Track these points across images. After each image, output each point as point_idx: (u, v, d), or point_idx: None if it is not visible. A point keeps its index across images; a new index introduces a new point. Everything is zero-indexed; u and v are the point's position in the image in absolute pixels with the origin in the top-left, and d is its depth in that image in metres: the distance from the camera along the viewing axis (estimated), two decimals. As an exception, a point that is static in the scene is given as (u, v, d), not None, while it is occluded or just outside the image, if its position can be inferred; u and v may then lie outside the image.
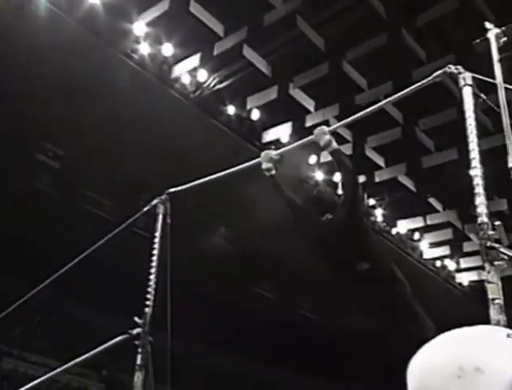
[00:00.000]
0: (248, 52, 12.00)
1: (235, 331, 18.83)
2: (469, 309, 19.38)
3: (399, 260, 17.78)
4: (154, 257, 3.61)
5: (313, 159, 14.85)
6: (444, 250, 18.33)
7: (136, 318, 3.42)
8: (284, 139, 13.95)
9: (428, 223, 17.18)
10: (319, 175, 15.14)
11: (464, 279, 19.18)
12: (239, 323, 18.77)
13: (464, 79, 2.56)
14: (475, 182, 2.34)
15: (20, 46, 11.01)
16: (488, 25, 2.53)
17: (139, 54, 11.83)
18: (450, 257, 18.54)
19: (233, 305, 19.07)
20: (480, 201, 2.29)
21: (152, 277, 3.57)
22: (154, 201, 3.74)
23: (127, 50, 11.66)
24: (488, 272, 2.13)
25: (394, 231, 17.57)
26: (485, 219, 2.25)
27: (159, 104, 12.70)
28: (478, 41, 2.61)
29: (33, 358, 15.70)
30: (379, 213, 16.97)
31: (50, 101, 12.56)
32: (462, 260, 18.61)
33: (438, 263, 18.71)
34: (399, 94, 3.17)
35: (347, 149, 14.48)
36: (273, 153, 3.66)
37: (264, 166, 3.59)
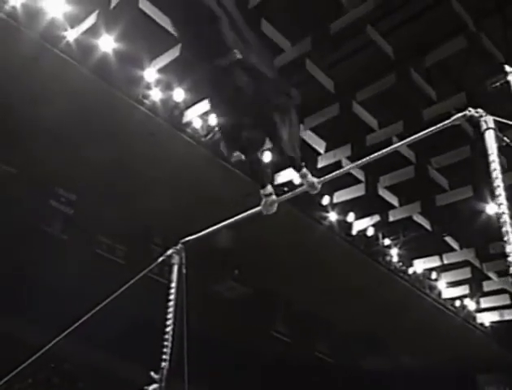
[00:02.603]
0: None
1: (252, 377, 18.50)
2: (491, 350, 18.94)
3: (417, 300, 17.55)
4: (171, 309, 3.51)
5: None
6: (463, 290, 17.97)
7: (152, 373, 3.30)
8: (297, 181, 13.91)
9: (445, 261, 16.89)
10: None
11: (485, 319, 18.74)
12: (256, 368, 18.44)
13: (486, 122, 2.49)
14: (504, 229, 2.24)
15: (33, 95, 11.19)
16: (508, 68, 2.48)
17: (150, 100, 11.94)
18: (470, 296, 18.16)
19: (251, 350, 18.81)
20: (509, 241, 2.20)
21: (168, 329, 3.46)
22: (169, 252, 3.67)
23: (138, 96, 11.78)
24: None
25: (411, 270, 17.29)
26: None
27: (171, 148, 12.77)
28: (498, 84, 2.55)
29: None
30: (394, 253, 16.74)
31: (63, 147, 12.69)
32: (482, 300, 18.22)
33: (457, 303, 18.32)
34: (415, 136, 3.11)
35: (360, 190, 14.42)
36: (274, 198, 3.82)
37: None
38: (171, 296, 3.47)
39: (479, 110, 2.51)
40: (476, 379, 20.82)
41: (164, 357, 3.34)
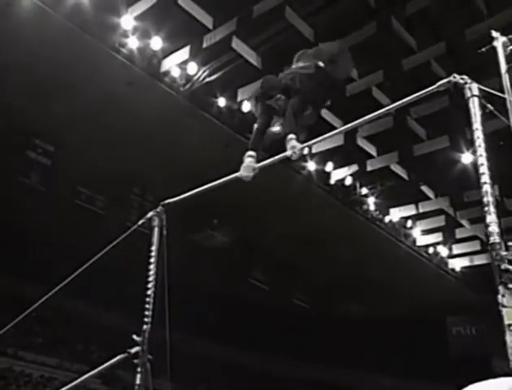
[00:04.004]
0: (237, 44, 11.83)
1: (231, 322, 18.91)
2: (461, 294, 19.52)
3: (393, 248, 17.87)
4: (151, 272, 3.50)
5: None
6: (436, 237, 18.36)
7: (134, 336, 3.31)
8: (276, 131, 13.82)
9: (421, 210, 17.16)
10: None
11: (456, 264, 19.25)
12: (234, 314, 18.82)
13: (470, 89, 2.46)
14: (485, 199, 2.25)
15: (8, 43, 10.83)
16: (494, 34, 2.43)
17: (127, 48, 11.64)
18: (443, 243, 18.58)
19: (229, 297, 19.15)
20: (491, 220, 2.21)
21: (149, 292, 3.46)
22: (150, 214, 3.63)
23: (115, 45, 11.46)
24: (503, 296, 2.04)
25: (387, 219, 17.56)
26: (497, 239, 2.16)
27: (149, 98, 12.54)
28: (484, 49, 2.51)
29: (29, 357, 15.57)
30: (371, 201, 16.94)
31: (38, 97, 12.39)
32: (454, 246, 18.66)
33: (431, 250, 18.75)
34: (404, 101, 3.05)
35: (338, 140, 14.39)
36: (255, 165, 3.58)
37: (245, 177, 3.55)
38: (152, 259, 3.45)
39: (464, 76, 2.48)
40: (445, 321, 21.69)
41: (146, 319, 3.34)
